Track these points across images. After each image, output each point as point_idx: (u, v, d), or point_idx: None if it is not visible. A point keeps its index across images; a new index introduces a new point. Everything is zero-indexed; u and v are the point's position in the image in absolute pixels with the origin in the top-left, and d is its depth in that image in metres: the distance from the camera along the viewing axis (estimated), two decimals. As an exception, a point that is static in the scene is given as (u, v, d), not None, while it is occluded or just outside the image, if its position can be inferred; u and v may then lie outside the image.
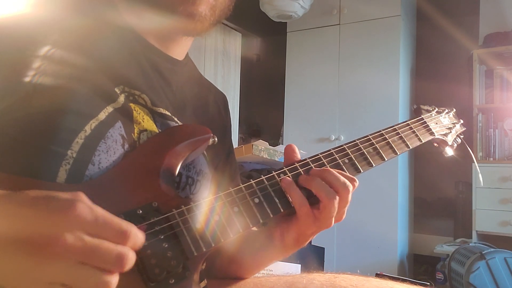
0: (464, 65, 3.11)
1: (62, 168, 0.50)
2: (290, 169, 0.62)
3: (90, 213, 0.39)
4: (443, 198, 3.29)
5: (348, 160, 0.66)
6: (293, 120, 3.27)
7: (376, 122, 2.80)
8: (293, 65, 3.29)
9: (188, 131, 0.60)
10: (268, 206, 0.57)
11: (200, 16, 0.62)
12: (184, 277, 0.49)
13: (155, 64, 0.65)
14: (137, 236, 0.42)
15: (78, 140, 0.51)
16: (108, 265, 0.39)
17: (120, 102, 0.56)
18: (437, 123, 0.84)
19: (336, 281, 0.68)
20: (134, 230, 0.41)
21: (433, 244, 2.99)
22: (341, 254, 2.92)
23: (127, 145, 0.56)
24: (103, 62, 0.57)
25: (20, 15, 0.55)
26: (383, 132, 0.72)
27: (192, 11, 0.62)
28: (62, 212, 0.38)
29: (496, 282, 2.23)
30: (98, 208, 0.41)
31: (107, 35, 0.60)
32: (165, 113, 0.62)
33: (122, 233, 0.40)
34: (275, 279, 0.72)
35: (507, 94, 2.82)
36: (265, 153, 1.71)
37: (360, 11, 3.03)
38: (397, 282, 0.70)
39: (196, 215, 0.52)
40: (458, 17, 3.27)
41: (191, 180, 0.64)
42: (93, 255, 0.38)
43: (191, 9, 0.62)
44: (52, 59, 0.52)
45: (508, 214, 2.61)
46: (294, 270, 1.43)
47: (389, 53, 2.93)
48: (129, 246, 0.41)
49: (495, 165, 2.73)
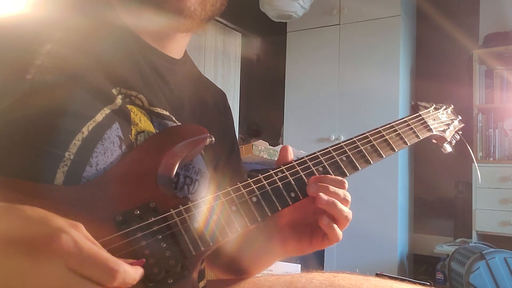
0: (464, 65, 3.11)
1: (60, 170, 0.50)
2: (288, 168, 0.62)
3: (74, 246, 0.37)
4: (443, 198, 3.29)
5: (346, 158, 0.66)
6: (293, 120, 3.27)
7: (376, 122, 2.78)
8: (293, 65, 3.29)
9: (185, 132, 0.60)
10: (266, 204, 0.57)
11: (188, 11, 0.62)
12: (183, 277, 0.48)
13: (152, 63, 0.65)
14: (126, 273, 0.39)
15: (76, 142, 0.51)
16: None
17: (118, 104, 0.56)
18: (435, 119, 0.83)
19: (335, 280, 0.68)
20: (122, 267, 0.38)
21: (433, 244, 2.99)
22: (341, 254, 2.91)
23: (124, 146, 0.55)
24: (100, 63, 0.57)
25: (18, 15, 0.56)
26: (381, 129, 0.72)
27: (179, 6, 0.61)
28: (46, 241, 0.37)
29: (496, 282, 2.23)
30: (85, 241, 0.38)
31: (104, 36, 0.60)
32: (162, 113, 0.62)
33: (107, 272, 0.38)
34: (274, 279, 0.73)
35: (507, 94, 2.82)
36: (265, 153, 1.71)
37: (360, 11, 3.03)
38: (397, 281, 0.70)
39: (194, 215, 0.52)
40: (458, 17, 3.27)
41: (189, 180, 0.64)
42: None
43: (178, 5, 0.61)
44: (49, 60, 0.52)
45: (508, 214, 2.61)
46: (294, 270, 1.43)
47: (389, 53, 2.93)
48: (116, 285, 0.38)
49: (495, 165, 2.73)
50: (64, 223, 0.39)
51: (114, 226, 0.48)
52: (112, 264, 0.38)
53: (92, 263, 0.37)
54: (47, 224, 0.38)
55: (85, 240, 0.38)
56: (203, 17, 0.65)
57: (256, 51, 4.51)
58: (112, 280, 0.38)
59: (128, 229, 0.48)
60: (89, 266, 0.37)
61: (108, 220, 0.48)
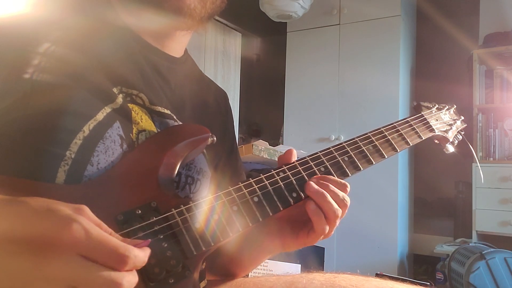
0: (464, 65, 3.11)
1: (61, 169, 0.50)
2: (289, 168, 0.62)
3: (85, 235, 0.37)
4: (443, 198, 3.29)
5: (348, 158, 0.66)
6: (293, 120, 3.27)
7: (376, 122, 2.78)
8: (293, 65, 3.29)
9: (187, 131, 0.59)
10: (267, 204, 0.57)
11: (188, 9, 0.62)
12: (184, 277, 0.48)
13: (152, 62, 0.64)
14: (136, 258, 0.40)
15: (77, 141, 0.51)
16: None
17: (118, 103, 0.56)
18: (437, 119, 0.83)
19: (336, 281, 0.68)
20: (133, 252, 0.39)
21: (433, 244, 2.99)
22: (341, 254, 2.92)
23: (125, 145, 0.55)
24: (101, 63, 0.57)
25: (18, 15, 0.55)
26: (383, 129, 0.72)
27: (179, 5, 0.61)
28: (57, 233, 0.37)
29: (496, 282, 2.23)
30: (95, 228, 0.39)
31: (105, 35, 0.60)
32: (163, 111, 0.62)
33: (119, 257, 0.38)
34: (275, 279, 0.72)
35: (507, 94, 2.82)
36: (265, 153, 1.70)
37: (360, 11, 3.03)
38: (397, 282, 0.70)
39: (195, 215, 0.52)
40: (458, 17, 3.27)
41: (190, 179, 0.64)
42: (83, 282, 0.37)
43: (177, 3, 0.61)
44: (50, 59, 0.52)
45: (508, 214, 2.61)
46: (294, 270, 1.43)
47: (389, 53, 2.93)
48: (128, 269, 0.39)
49: (495, 165, 2.73)
50: (70, 211, 0.39)
51: (115, 225, 0.48)
52: (123, 250, 0.39)
53: (104, 249, 0.38)
54: (54, 214, 0.38)
55: (94, 227, 0.39)
56: (203, 15, 0.65)
57: (256, 51, 4.51)
58: (124, 265, 0.39)
59: (129, 229, 0.48)
60: (100, 253, 0.38)
61: (110, 220, 0.48)
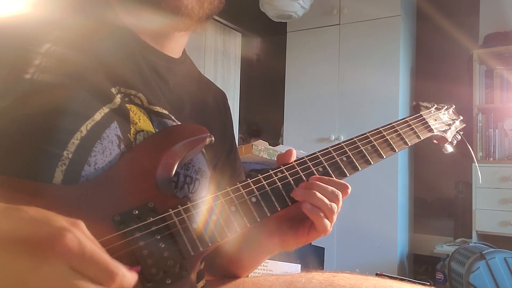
0: (464, 65, 3.10)
1: (58, 169, 0.49)
2: (287, 168, 0.62)
3: (78, 246, 0.37)
4: (443, 198, 3.29)
5: (346, 158, 0.66)
6: (293, 120, 3.27)
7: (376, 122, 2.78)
8: (293, 65, 3.29)
9: (185, 131, 0.59)
10: (265, 205, 0.57)
11: (186, 9, 0.62)
12: (181, 277, 0.48)
13: (151, 62, 0.64)
14: (124, 277, 0.39)
15: (74, 141, 0.51)
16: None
17: (117, 103, 0.56)
18: (436, 119, 0.83)
19: (335, 280, 0.68)
20: (121, 270, 0.39)
21: (433, 244, 2.99)
22: (341, 254, 2.91)
23: (123, 145, 0.55)
24: (99, 63, 0.57)
25: (18, 15, 0.55)
26: (381, 129, 0.72)
27: (176, 5, 0.61)
28: (51, 241, 0.37)
29: (496, 282, 2.22)
30: (89, 242, 0.38)
31: (103, 35, 0.60)
32: (162, 111, 0.62)
33: (108, 274, 0.38)
34: (274, 278, 0.72)
35: (507, 94, 2.81)
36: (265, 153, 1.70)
37: (360, 11, 3.03)
38: (396, 281, 0.70)
39: (193, 215, 0.52)
40: (458, 17, 3.27)
41: (189, 179, 0.63)
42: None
43: (175, 3, 0.61)
44: (49, 59, 0.52)
45: (508, 214, 2.60)
46: (294, 270, 1.43)
47: (389, 53, 2.92)
48: (114, 287, 0.39)
49: (495, 165, 2.73)
50: (66, 222, 0.38)
51: (112, 226, 0.48)
52: (112, 267, 0.38)
53: (95, 264, 0.38)
54: (50, 224, 0.38)
55: (88, 241, 0.38)
56: (201, 15, 0.65)
57: (256, 51, 4.51)
58: (111, 282, 0.38)
59: (126, 229, 0.48)
60: (91, 267, 0.37)
61: (107, 220, 0.48)
